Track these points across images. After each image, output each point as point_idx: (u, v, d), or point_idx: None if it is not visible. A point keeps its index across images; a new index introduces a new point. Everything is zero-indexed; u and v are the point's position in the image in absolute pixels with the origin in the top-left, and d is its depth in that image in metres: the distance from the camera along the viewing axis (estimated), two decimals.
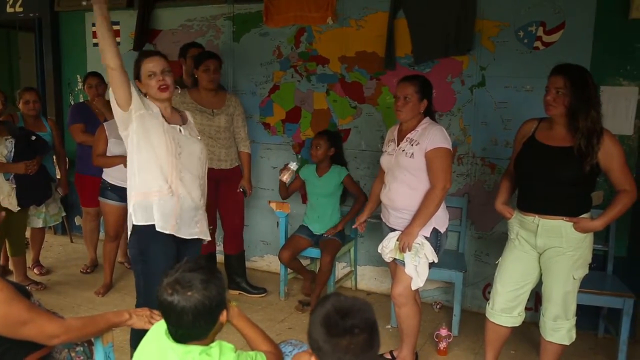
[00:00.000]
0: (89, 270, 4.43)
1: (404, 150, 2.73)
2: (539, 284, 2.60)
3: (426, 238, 2.69)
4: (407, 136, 2.76)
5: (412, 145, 2.71)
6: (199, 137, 2.64)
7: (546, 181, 2.43)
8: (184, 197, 2.47)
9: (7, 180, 3.72)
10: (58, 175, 4.36)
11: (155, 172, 2.41)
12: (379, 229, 3.12)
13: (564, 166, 2.37)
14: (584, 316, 2.97)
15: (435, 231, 2.72)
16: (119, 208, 3.82)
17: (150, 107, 2.44)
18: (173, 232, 2.47)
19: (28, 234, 4.26)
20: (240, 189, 3.82)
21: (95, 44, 5.03)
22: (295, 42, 4.12)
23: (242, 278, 4.00)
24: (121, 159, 3.67)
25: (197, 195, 2.55)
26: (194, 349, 1.52)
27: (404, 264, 2.70)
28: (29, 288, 3.89)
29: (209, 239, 2.69)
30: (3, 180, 3.72)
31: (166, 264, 2.44)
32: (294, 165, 3.67)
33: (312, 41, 4.06)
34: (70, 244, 5.23)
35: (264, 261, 4.53)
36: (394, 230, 2.81)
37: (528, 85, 3.43)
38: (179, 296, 1.47)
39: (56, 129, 4.28)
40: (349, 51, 3.94)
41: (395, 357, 2.99)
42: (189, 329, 1.51)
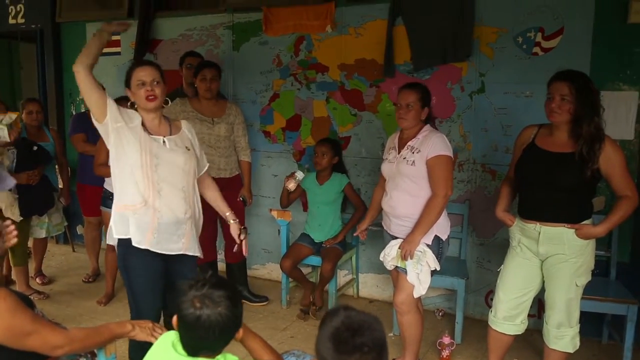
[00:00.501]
0: (90, 280, 4.44)
1: (405, 158, 2.73)
2: (542, 290, 2.60)
3: (428, 246, 2.69)
4: (408, 144, 2.76)
5: (413, 153, 2.71)
6: (188, 148, 2.51)
7: (547, 187, 2.42)
8: (162, 211, 2.37)
9: (9, 190, 3.72)
10: (60, 185, 4.37)
11: (130, 186, 2.36)
12: (380, 236, 3.12)
13: (565, 172, 2.37)
14: (587, 323, 2.96)
15: (437, 239, 2.72)
16: (107, 214, 3.83)
17: (130, 119, 2.38)
18: (149, 247, 2.37)
19: (30, 243, 4.27)
20: (240, 198, 3.82)
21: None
22: (295, 50, 4.13)
23: (244, 286, 3.99)
24: None
25: (180, 208, 2.43)
26: None
27: (406, 272, 2.70)
28: (31, 298, 3.90)
29: (197, 254, 2.57)
30: (5, 190, 3.72)
31: (147, 277, 2.43)
32: (300, 174, 3.67)
33: (312, 49, 4.07)
34: (72, 253, 5.23)
35: (265, 269, 4.53)
36: (396, 237, 2.81)
37: (527, 91, 3.43)
38: (208, 311, 1.48)
39: (58, 138, 4.30)
40: (348, 59, 3.95)
41: None
42: (210, 343, 1.53)
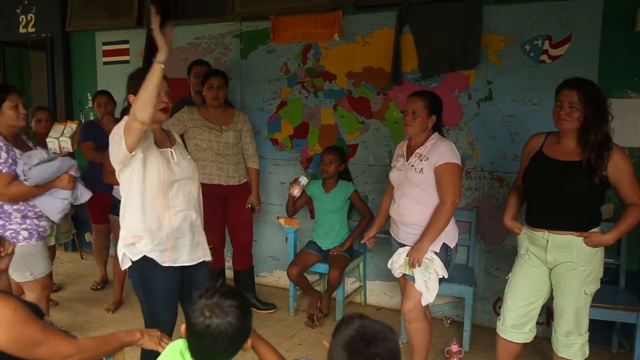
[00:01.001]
0: (99, 287, 4.45)
1: (413, 166, 2.74)
2: (551, 298, 2.59)
3: (436, 253, 2.68)
4: (416, 151, 2.76)
5: (421, 160, 2.72)
6: (188, 156, 2.52)
7: (555, 196, 2.42)
8: (177, 227, 2.35)
9: None
10: None
11: (148, 211, 2.29)
12: (387, 244, 3.12)
13: (573, 180, 2.37)
14: (597, 331, 2.95)
15: (445, 246, 2.71)
16: (116, 220, 3.84)
17: (145, 137, 2.27)
18: (172, 264, 2.35)
19: None
20: (248, 205, 3.83)
21: (106, 63, 5.12)
22: (302, 58, 4.15)
23: (252, 294, 3.99)
24: None
25: (194, 216, 2.43)
26: None
27: (414, 280, 2.69)
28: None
29: (210, 259, 2.56)
30: None
31: (168, 294, 2.39)
32: (304, 180, 3.69)
33: (319, 57, 4.09)
34: (81, 260, 5.26)
35: (273, 277, 4.53)
36: (404, 245, 2.80)
37: (535, 99, 3.43)
38: (218, 320, 1.48)
39: None
40: (356, 67, 3.96)
41: None
42: (218, 352, 1.53)
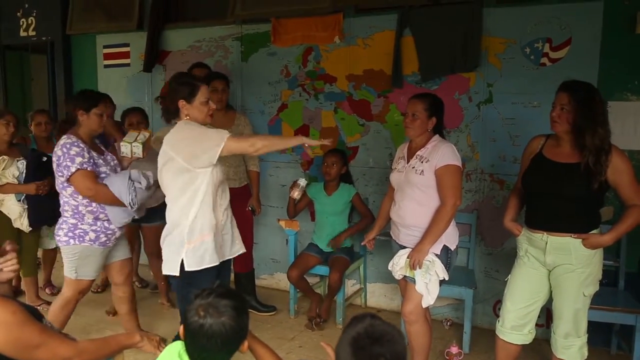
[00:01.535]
0: (99, 290, 4.45)
1: (413, 168, 2.74)
2: (550, 300, 2.59)
3: (437, 255, 2.68)
4: (417, 153, 2.77)
5: (422, 162, 2.72)
6: None
7: (554, 198, 2.43)
8: (224, 223, 2.62)
9: (19, 201, 3.75)
10: None
11: (207, 212, 2.51)
12: (388, 246, 3.12)
13: (571, 183, 2.37)
14: (596, 333, 2.95)
15: (445, 248, 2.71)
16: (130, 227, 3.85)
17: None
18: (223, 259, 2.65)
19: (40, 254, 4.29)
20: (249, 208, 3.84)
21: (106, 66, 5.13)
22: (303, 61, 4.16)
23: (252, 296, 4.00)
24: None
25: (230, 212, 2.72)
26: None
27: (414, 282, 2.70)
28: (40, 308, 3.91)
29: (244, 250, 2.86)
30: (15, 201, 3.75)
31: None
32: (302, 182, 3.68)
33: (320, 60, 4.10)
34: None
35: (273, 279, 4.54)
36: (404, 247, 2.81)
37: (535, 102, 3.44)
38: (212, 320, 1.48)
39: None
40: (357, 69, 3.97)
41: None
42: (213, 353, 1.53)
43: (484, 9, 3.50)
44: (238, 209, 3.81)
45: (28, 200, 3.76)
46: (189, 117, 2.50)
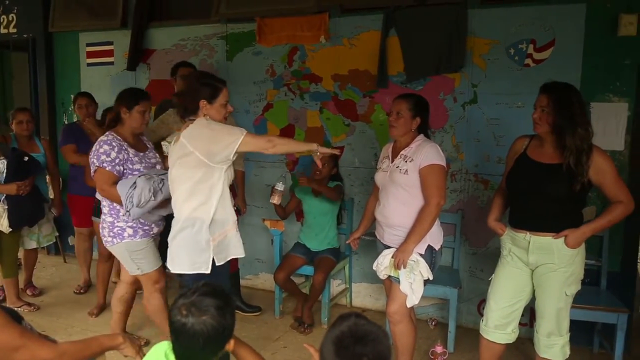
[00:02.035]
0: (82, 291, 4.40)
1: (398, 167, 2.74)
2: (533, 299, 2.60)
3: (421, 255, 2.69)
4: (401, 153, 2.77)
5: (406, 162, 2.72)
6: None
7: (537, 198, 2.44)
8: (235, 218, 2.62)
9: (0, 201, 3.70)
10: (51, 195, 4.33)
11: (228, 206, 2.52)
12: (373, 246, 3.12)
13: (554, 183, 2.39)
14: (579, 332, 2.98)
15: (430, 248, 2.72)
16: None
17: None
18: (240, 255, 2.66)
19: (21, 254, 4.23)
20: (234, 207, 3.80)
21: (89, 64, 5.07)
22: (289, 60, 4.15)
23: (237, 296, 3.97)
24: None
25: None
26: None
27: (399, 282, 2.70)
28: (21, 310, 3.86)
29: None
30: None
31: (226, 286, 2.55)
32: (280, 186, 3.60)
33: (305, 60, 4.09)
34: (64, 264, 5.19)
35: (258, 279, 4.52)
36: (389, 247, 2.81)
37: (519, 102, 3.46)
38: (193, 319, 1.47)
39: (50, 149, 4.24)
40: (342, 69, 3.97)
41: None
42: (196, 352, 1.51)
43: (469, 10, 3.52)
44: None
45: (8, 201, 3.70)
46: (207, 117, 2.50)
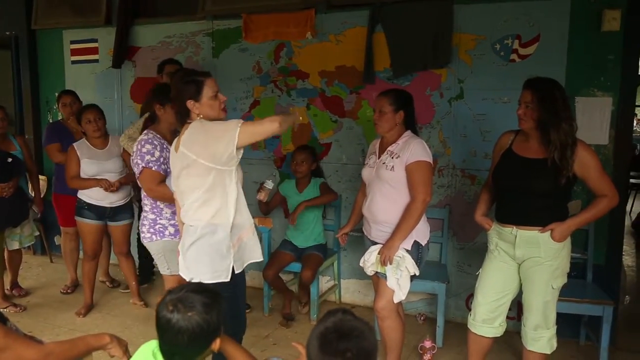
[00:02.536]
0: (69, 291, 4.37)
1: (384, 163, 2.74)
2: (521, 293, 2.63)
3: (407, 251, 2.69)
4: (388, 149, 2.77)
5: (392, 158, 2.72)
6: None
7: (522, 192, 2.46)
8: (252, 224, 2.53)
9: None
10: (32, 192, 4.27)
11: (244, 209, 2.42)
12: (362, 242, 3.12)
13: (539, 178, 2.41)
14: (566, 324, 3.02)
15: (416, 244, 2.72)
16: (96, 227, 3.78)
17: None
18: (260, 259, 2.60)
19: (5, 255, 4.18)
20: None
21: (74, 62, 5.01)
22: (275, 57, 4.14)
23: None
24: (96, 182, 3.64)
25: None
26: None
27: (385, 277, 2.70)
28: (7, 311, 3.83)
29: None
30: None
31: (242, 299, 2.60)
32: (269, 184, 3.59)
33: (292, 56, 4.08)
34: (50, 264, 5.14)
35: (247, 276, 4.47)
36: (376, 243, 2.81)
37: (505, 97, 3.48)
38: (178, 315, 1.46)
39: (26, 146, 4.16)
40: (329, 66, 3.96)
41: None
42: (181, 349, 1.51)
43: (455, 5, 3.53)
44: None
45: None
46: (202, 116, 2.34)
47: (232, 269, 2.35)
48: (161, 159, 2.81)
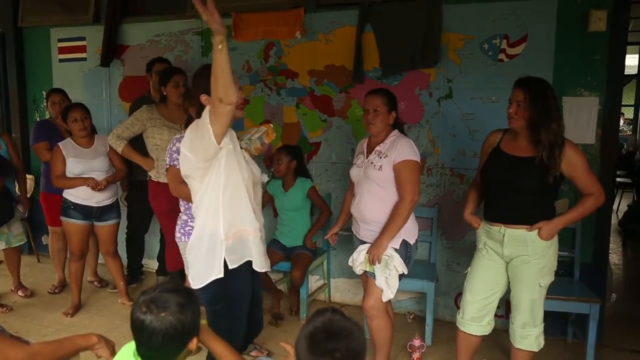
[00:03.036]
0: (57, 291, 4.33)
1: (372, 163, 2.75)
2: (509, 291, 2.64)
3: (395, 250, 2.70)
4: (376, 149, 2.77)
5: (380, 157, 2.73)
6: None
7: (510, 191, 2.48)
8: (261, 229, 2.50)
9: None
10: (18, 191, 4.23)
11: (247, 209, 2.38)
12: (351, 241, 3.13)
13: (527, 176, 2.42)
14: (553, 322, 3.04)
15: (404, 243, 2.73)
16: (83, 227, 3.76)
17: (229, 134, 2.31)
18: (266, 268, 2.55)
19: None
20: None
21: (62, 60, 4.97)
22: (265, 56, 4.13)
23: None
24: (83, 181, 3.62)
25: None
26: None
27: (374, 277, 2.71)
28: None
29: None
30: None
31: (248, 302, 2.51)
32: (264, 177, 3.62)
33: (281, 55, 4.07)
34: (38, 263, 5.10)
35: None
36: (364, 242, 2.82)
37: (494, 97, 3.50)
38: (151, 316, 1.44)
39: (11, 144, 4.09)
40: (318, 65, 3.96)
41: None
42: (157, 350, 1.48)
43: (443, 5, 3.54)
44: None
45: None
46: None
47: (225, 263, 2.33)
48: None
